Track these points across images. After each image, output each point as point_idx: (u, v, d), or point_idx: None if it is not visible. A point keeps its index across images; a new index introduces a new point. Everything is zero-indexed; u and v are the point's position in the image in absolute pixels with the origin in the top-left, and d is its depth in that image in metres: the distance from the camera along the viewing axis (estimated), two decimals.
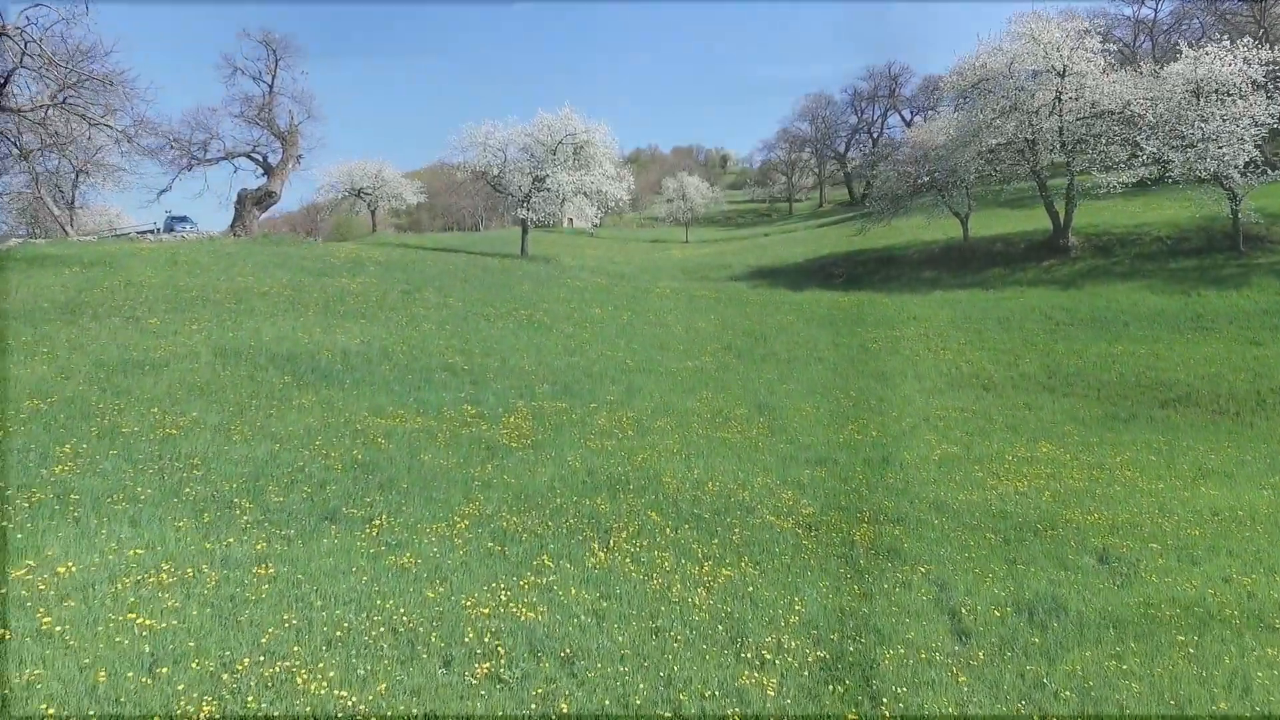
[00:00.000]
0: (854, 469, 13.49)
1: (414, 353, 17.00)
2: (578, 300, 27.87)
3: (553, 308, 25.52)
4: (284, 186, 36.04)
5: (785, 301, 32.13)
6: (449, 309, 22.00)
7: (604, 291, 30.91)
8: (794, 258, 43.35)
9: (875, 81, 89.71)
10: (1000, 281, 33.27)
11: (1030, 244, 35.91)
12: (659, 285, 35.33)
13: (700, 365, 21.20)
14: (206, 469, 9.19)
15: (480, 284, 26.87)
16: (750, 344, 24.78)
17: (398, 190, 55.19)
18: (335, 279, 22.74)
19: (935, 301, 31.08)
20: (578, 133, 36.79)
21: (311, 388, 13.31)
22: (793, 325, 28.03)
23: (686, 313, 28.93)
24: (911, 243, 40.40)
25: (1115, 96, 30.62)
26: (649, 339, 23.60)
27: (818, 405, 18.15)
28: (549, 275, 32.26)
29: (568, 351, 20.23)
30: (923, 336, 25.91)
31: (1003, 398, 20.00)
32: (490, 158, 37.87)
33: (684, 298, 31.98)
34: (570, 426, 13.90)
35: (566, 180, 36.42)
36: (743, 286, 36.09)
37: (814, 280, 37.34)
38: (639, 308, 28.39)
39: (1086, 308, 27.37)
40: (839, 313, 29.90)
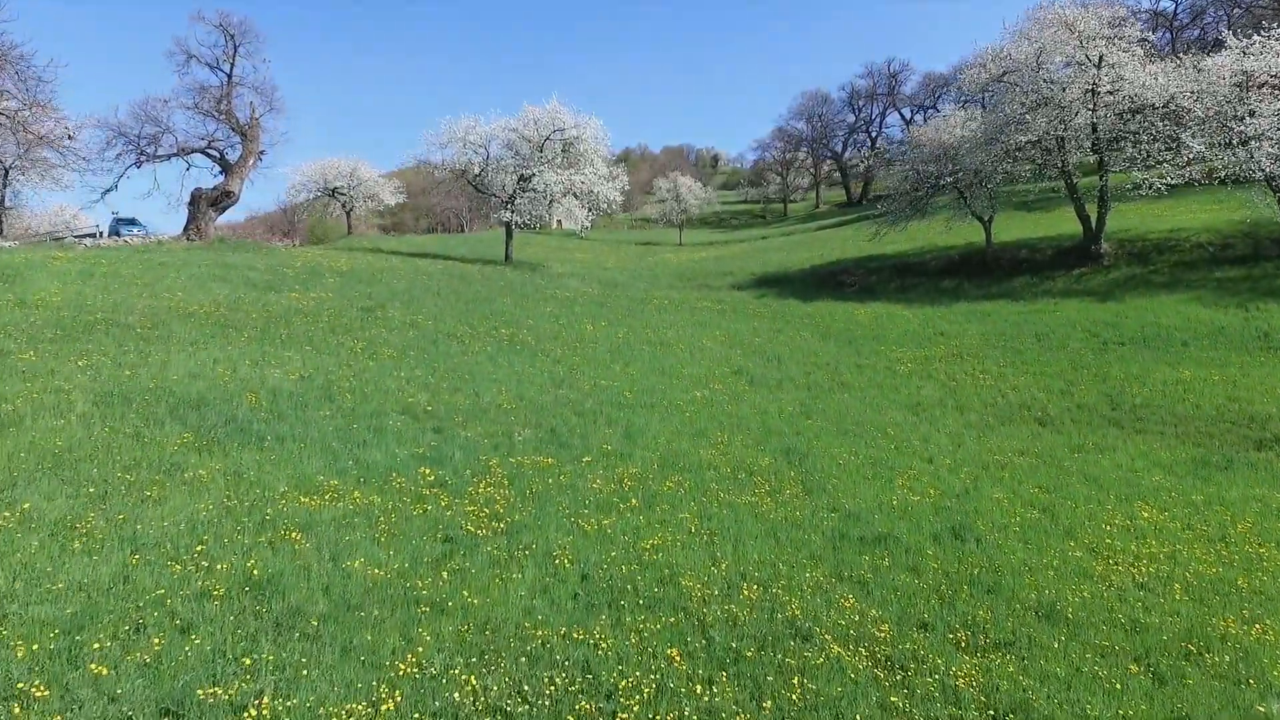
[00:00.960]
0: (923, 550, 10.49)
1: (366, 390, 13.87)
2: (566, 315, 24.79)
3: (538, 325, 22.43)
4: (244, 185, 32.79)
5: (796, 314, 29.17)
6: (416, 330, 18.87)
7: (596, 303, 27.84)
8: (800, 264, 40.41)
9: (874, 79, 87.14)
10: (1028, 292, 30.46)
11: (1058, 250, 33.12)
12: (655, 295, 32.30)
13: (710, 395, 18.17)
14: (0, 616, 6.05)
15: (456, 297, 23.74)
16: (763, 366, 21.79)
17: (374, 190, 51.76)
18: (284, 294, 19.56)
19: (960, 315, 28.21)
20: (567, 128, 33.69)
21: (219, 449, 10.16)
22: (807, 343, 25.08)
23: (689, 328, 25.92)
24: (927, 248, 37.56)
25: (1158, 90, 27.79)
26: (649, 362, 20.55)
27: (854, 449, 15.15)
28: (534, 285, 29.14)
29: (555, 382, 17.15)
30: (955, 356, 23.00)
31: (1064, 435, 17.07)
32: (471, 155, 34.74)
33: (685, 310, 28.96)
34: (557, 495, 10.83)
35: (555, 180, 33.33)
36: (747, 297, 33.10)
37: (824, 289, 34.40)
38: (635, 323, 25.34)
39: (1133, 323, 24.54)
40: (857, 328, 26.96)
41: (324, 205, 52.62)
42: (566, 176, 33.63)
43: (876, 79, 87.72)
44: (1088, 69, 29.74)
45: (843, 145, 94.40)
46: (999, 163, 30.67)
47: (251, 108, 33.64)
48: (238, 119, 33.07)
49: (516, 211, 34.25)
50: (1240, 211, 36.12)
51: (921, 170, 32.81)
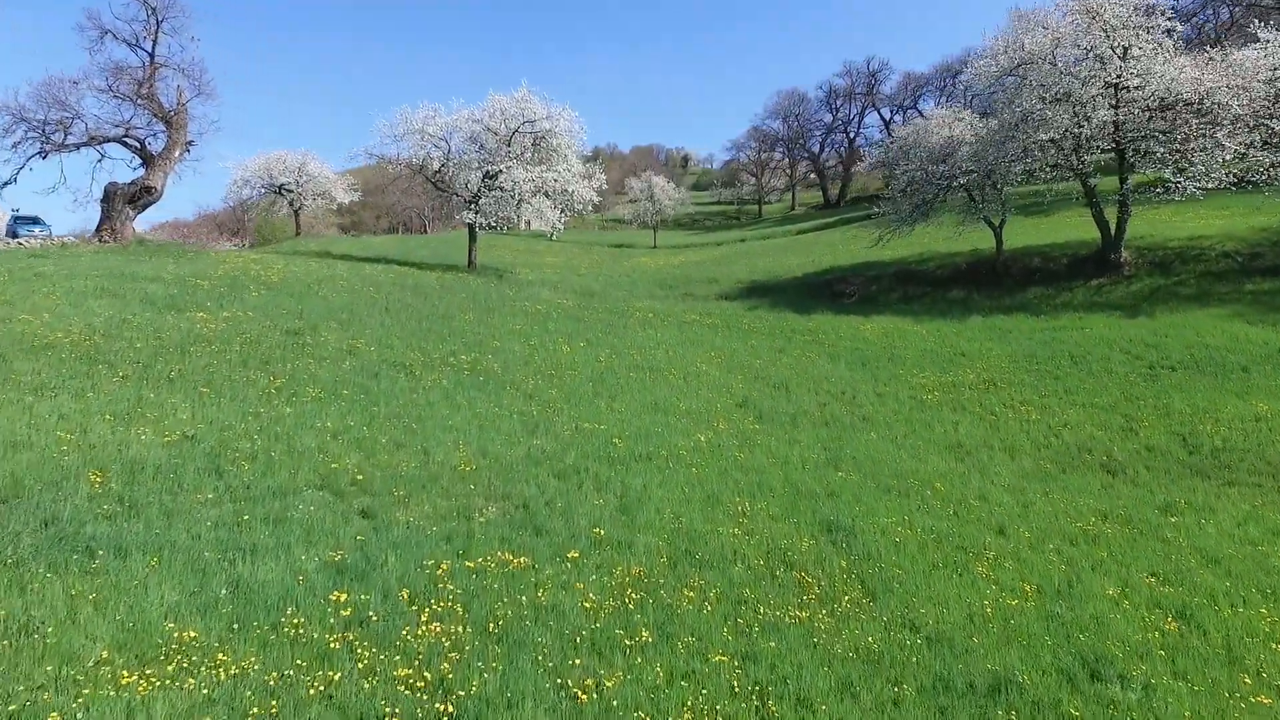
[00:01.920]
0: (1059, 703, 7.35)
1: (274, 453, 10.34)
2: (539, 333, 21.35)
3: (506, 348, 18.97)
4: (167, 180, 28.71)
5: (796, 330, 26.08)
6: (354, 359, 15.31)
7: (571, 318, 24.44)
8: (789, 271, 37.42)
9: (853, 78, 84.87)
10: (1046, 305, 27.79)
11: (1074, 259, 30.54)
12: (637, 306, 28.99)
13: (716, 439, 14.92)
14: None
15: (408, 313, 20.16)
16: (771, 397, 18.62)
17: (325, 187, 47.51)
18: (187, 314, 15.84)
19: (978, 331, 25.38)
20: (538, 119, 30.20)
21: (7, 580, 6.61)
22: (815, 364, 21.98)
23: (679, 347, 22.66)
24: (928, 255, 34.83)
25: (1192, 84, 25.24)
26: (639, 394, 17.24)
27: (904, 514, 12.03)
28: (501, 296, 25.63)
29: (528, 426, 13.75)
30: (986, 384, 20.07)
31: (1142, 488, 14.15)
32: (430, 149, 31.03)
33: (672, 325, 25.68)
34: (535, 626, 7.48)
35: (524, 177, 29.81)
36: (738, 308, 29.95)
37: (820, 300, 31.41)
38: (619, 343, 22.00)
39: (1176, 344, 21.88)
40: (867, 347, 23.94)
41: (270, 203, 48.21)
42: (537, 174, 30.16)
43: (855, 78, 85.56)
44: (1111, 61, 27.11)
45: (820, 146, 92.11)
46: (1016, 162, 27.89)
47: (179, 92, 29.60)
48: (161, 104, 29.02)
49: (481, 212, 30.68)
50: (1256, 217, 34.06)
51: (930, 170, 29.93)
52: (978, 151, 30.00)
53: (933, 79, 79.47)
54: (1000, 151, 28.93)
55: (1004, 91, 31.31)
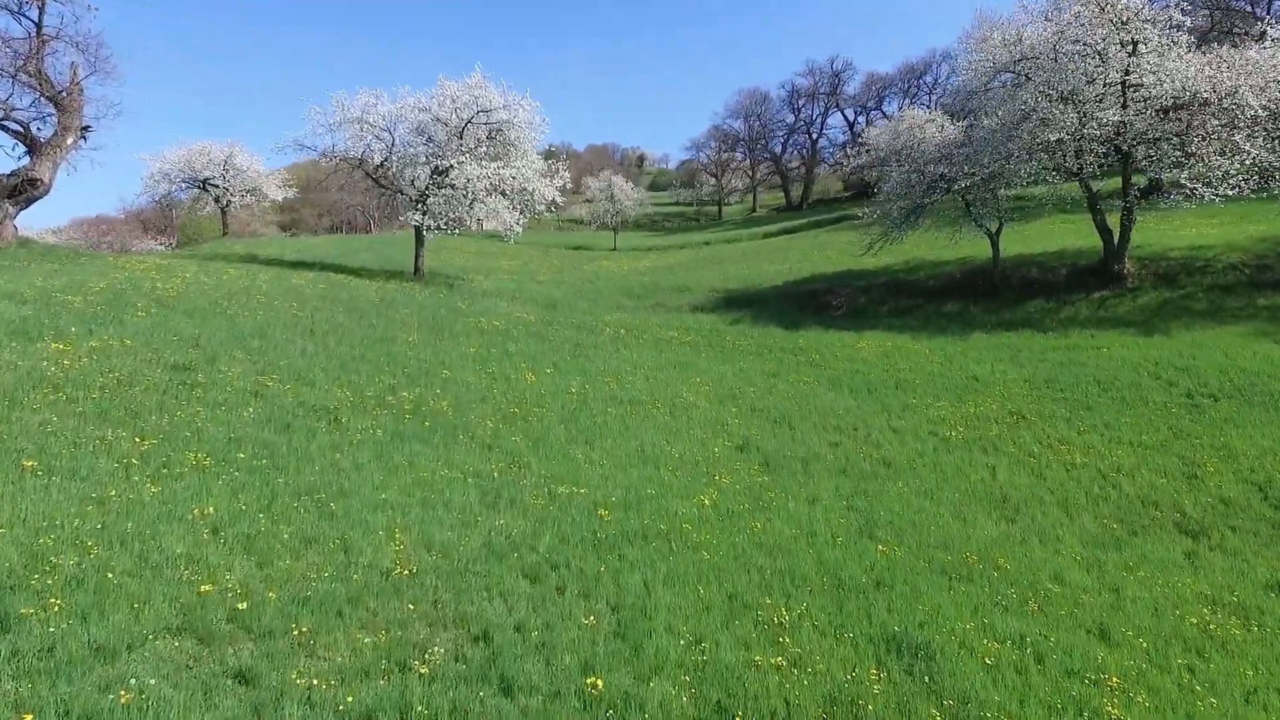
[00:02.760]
0: None
1: (109, 573, 7.05)
2: (497, 358, 18.15)
3: (458, 378, 15.74)
4: (57, 171, 24.55)
5: (786, 349, 23.37)
6: (262, 404, 11.94)
7: (535, 336, 21.27)
8: (766, 278, 34.81)
9: (816, 78, 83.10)
10: (1049, 319, 25.71)
11: (1073, 269, 28.58)
12: (606, 320, 25.97)
13: (723, 500, 12.02)
14: None
15: (339, 336, 16.74)
16: (774, 435, 15.81)
17: (256, 182, 43.02)
18: (40, 343, 12.22)
19: (985, 350, 23.06)
20: (494, 109, 26.87)
21: None
22: (815, 393, 19.26)
23: (660, 371, 19.72)
24: (916, 263, 32.59)
25: (1211, 83, 23.31)
26: (621, 437, 14.23)
27: (985, 617, 9.28)
28: (452, 310, 22.29)
29: (486, 495, 10.61)
30: (1013, 416, 17.61)
31: (1236, 559, 11.74)
32: (371, 141, 27.44)
33: (648, 343, 22.72)
34: None
35: (478, 174, 26.45)
36: (717, 322, 27.15)
37: (805, 312, 28.83)
38: (591, 367, 18.94)
39: (1208, 367, 19.81)
40: (868, 370, 21.34)
41: (194, 200, 43.44)
42: (493, 170, 26.84)
43: (818, 78, 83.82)
44: (1118, 57, 25.07)
45: (782, 146, 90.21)
46: (1021, 164, 25.62)
47: (72, 70, 25.43)
48: (51, 83, 24.87)
49: (429, 213, 27.22)
50: (1248, 225, 32.74)
51: (927, 173, 27.50)
52: (971, 154, 27.75)
53: (896, 80, 78.33)
54: (1002, 151, 26.70)
55: (1001, 88, 29.17)
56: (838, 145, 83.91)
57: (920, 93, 75.38)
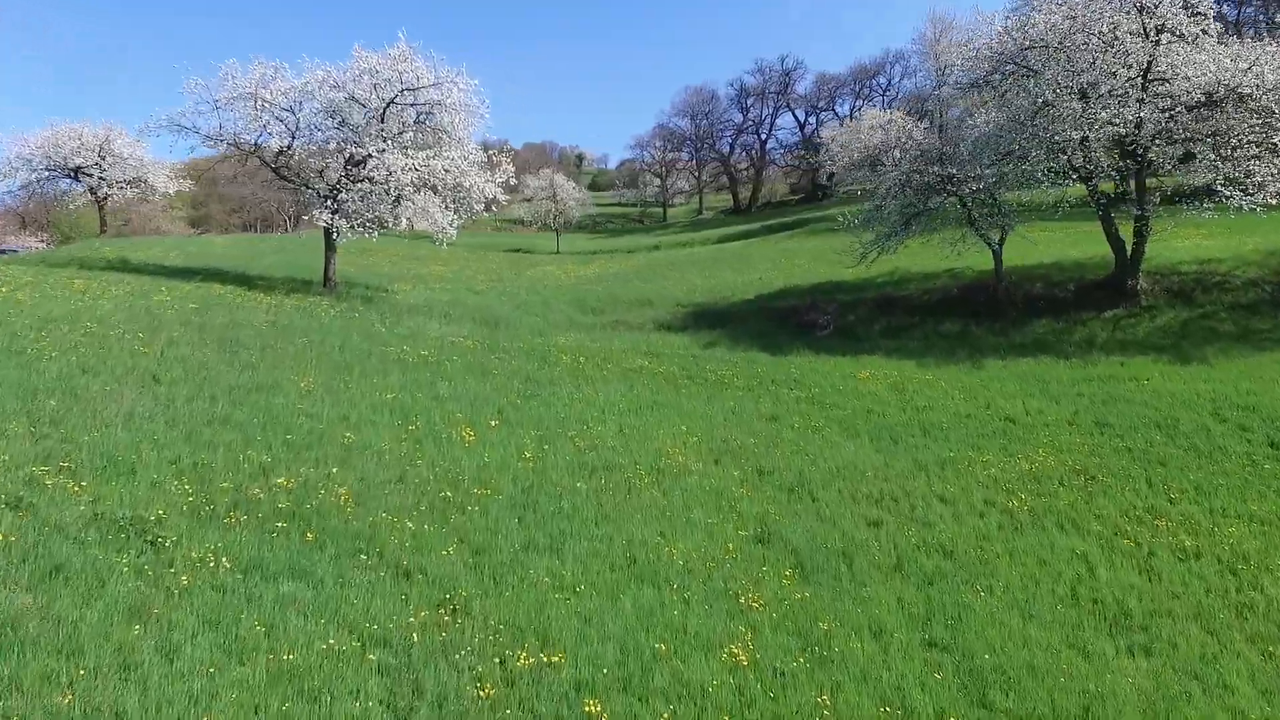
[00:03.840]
0: None
1: None
2: (424, 406, 13.71)
3: (365, 445, 11.26)
4: None
5: (778, 380, 19.58)
6: (20, 520, 7.27)
7: (473, 369, 16.86)
8: (734, 290, 31.06)
9: (765, 77, 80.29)
10: (1063, 342, 22.73)
11: (1081, 285, 25.73)
12: (560, 343, 21.73)
13: (765, 651, 8.05)
14: None
15: (195, 385, 12.01)
16: (799, 516, 11.92)
17: (140, 172, 36.63)
18: None
19: (1006, 381, 19.77)
20: (421, 86, 22.25)
21: None
22: (829, 444, 15.47)
23: (634, 415, 15.63)
24: (902, 275, 29.33)
25: (1245, 76, 20.56)
26: (598, 535, 10.10)
27: None
28: (368, 336, 17.66)
29: (396, 697, 6.28)
30: (1078, 475, 14.16)
31: None
32: (269, 122, 22.38)
33: (615, 374, 18.57)
34: None
35: (402, 166, 21.80)
36: (691, 345, 23.22)
37: (785, 331, 25.18)
38: (548, 413, 14.68)
39: (1272, 405, 16.88)
40: (882, 409, 17.71)
41: (64, 191, 36.71)
42: (422, 161, 22.22)
43: (767, 76, 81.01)
44: (1142, 46, 22.18)
45: (730, 147, 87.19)
46: (1039, 164, 22.37)
47: None
48: None
49: (342, 211, 22.42)
50: (1253, 238, 30.74)
51: (927, 174, 24.05)
52: (974, 153, 24.49)
53: (849, 80, 76.23)
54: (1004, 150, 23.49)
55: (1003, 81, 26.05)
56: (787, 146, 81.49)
57: (873, 94, 73.56)
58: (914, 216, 24.30)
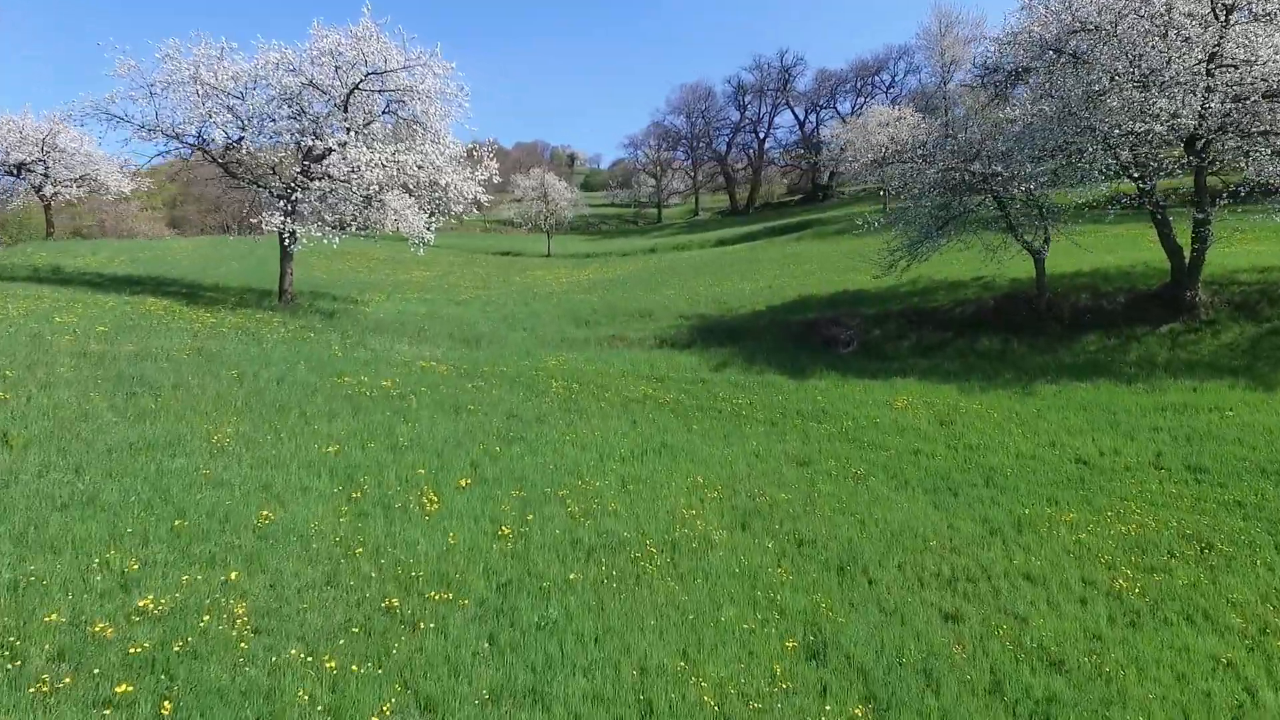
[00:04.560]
0: None
1: None
2: (376, 460, 10.90)
3: (288, 526, 8.44)
4: None
5: (804, 412, 16.86)
6: None
7: (443, 404, 14.05)
8: (743, 300, 28.33)
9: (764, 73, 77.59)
10: (1118, 362, 20.13)
11: (1131, 295, 23.11)
12: (552, 364, 18.99)
13: None
14: None
15: (58, 447, 9.16)
16: (857, 612, 9.22)
17: (92, 169, 33.42)
18: None
19: (1066, 411, 17.12)
20: (391, 70, 19.42)
21: None
22: (877, 500, 12.76)
23: (640, 464, 12.89)
24: (926, 284, 26.66)
25: None
26: (598, 660, 7.32)
27: None
28: (316, 367, 14.79)
29: None
30: (1197, 545, 11.46)
31: None
32: (215, 110, 19.42)
33: (615, 405, 15.82)
34: None
35: (368, 160, 18.97)
36: (699, 365, 20.48)
37: (805, 350, 22.47)
38: (534, 464, 11.91)
39: None
40: (932, 448, 15.02)
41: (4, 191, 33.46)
42: (392, 156, 19.40)
43: (766, 73, 78.30)
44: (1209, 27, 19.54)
45: (727, 145, 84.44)
46: (1096, 162, 19.66)
47: None
48: None
49: (298, 214, 19.56)
50: None
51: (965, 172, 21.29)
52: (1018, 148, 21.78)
53: (850, 77, 73.69)
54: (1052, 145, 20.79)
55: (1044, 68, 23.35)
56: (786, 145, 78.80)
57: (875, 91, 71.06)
58: (949, 220, 21.58)
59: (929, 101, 63.87)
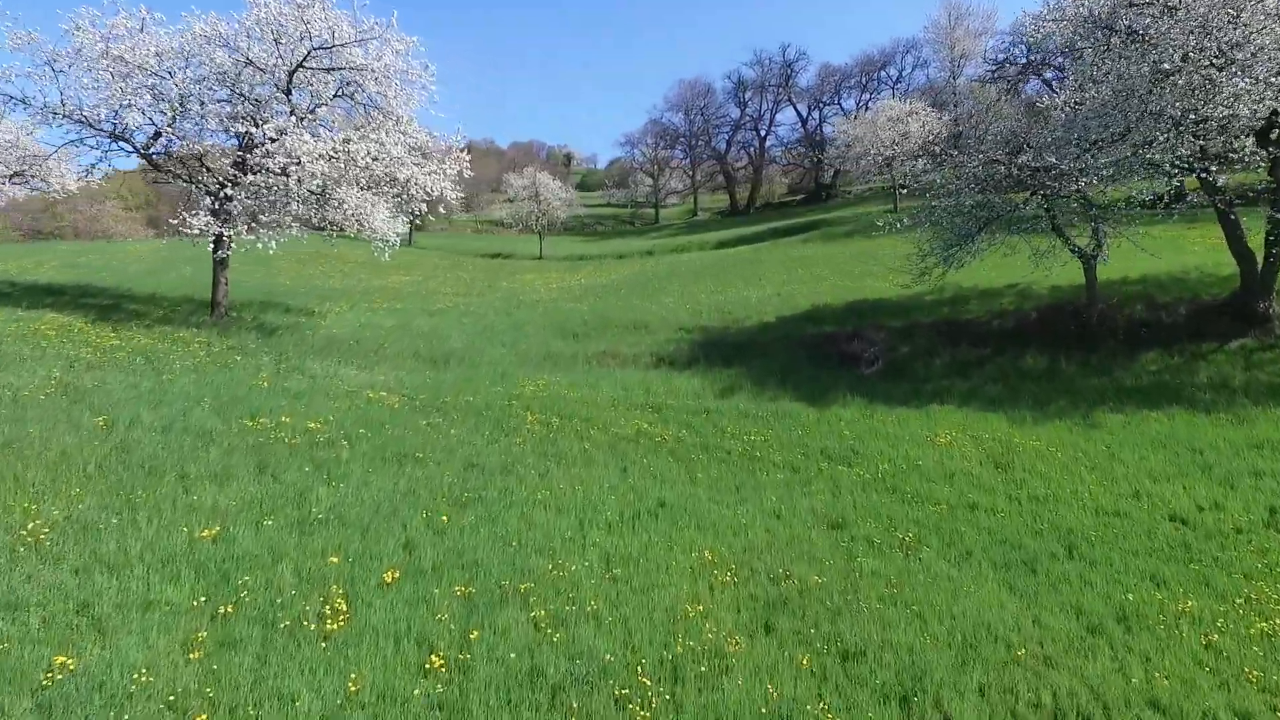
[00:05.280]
0: None
1: None
2: (272, 541, 8.04)
3: (93, 674, 5.56)
4: None
5: (831, 455, 14.05)
6: None
7: (383, 449, 11.22)
8: (750, 309, 25.50)
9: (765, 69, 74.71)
10: (1187, 384, 17.36)
11: (1195, 306, 20.33)
12: (529, 390, 16.14)
13: None
14: None
15: None
16: None
17: (25, 165, 30.22)
18: None
19: (1141, 449, 14.34)
20: (340, 44, 16.57)
21: None
22: (924, 569, 9.92)
23: (629, 533, 10.06)
24: (955, 292, 23.86)
25: None
26: None
27: None
28: (224, 407, 11.93)
29: None
30: None
31: None
32: (135, 89, 16.45)
33: (601, 447, 13.00)
34: None
35: (313, 151, 16.12)
36: (702, 389, 17.67)
37: (823, 368, 19.66)
38: (485, 539, 9.05)
39: None
40: (990, 501, 12.21)
41: None
42: (341, 147, 16.54)
43: (767, 68, 75.42)
44: None
45: (727, 144, 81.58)
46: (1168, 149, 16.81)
47: None
48: None
49: (227, 214, 16.66)
50: None
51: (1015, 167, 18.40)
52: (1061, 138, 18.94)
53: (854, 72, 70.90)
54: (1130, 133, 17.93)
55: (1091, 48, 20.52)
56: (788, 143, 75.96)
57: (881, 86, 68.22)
58: (990, 220, 18.76)
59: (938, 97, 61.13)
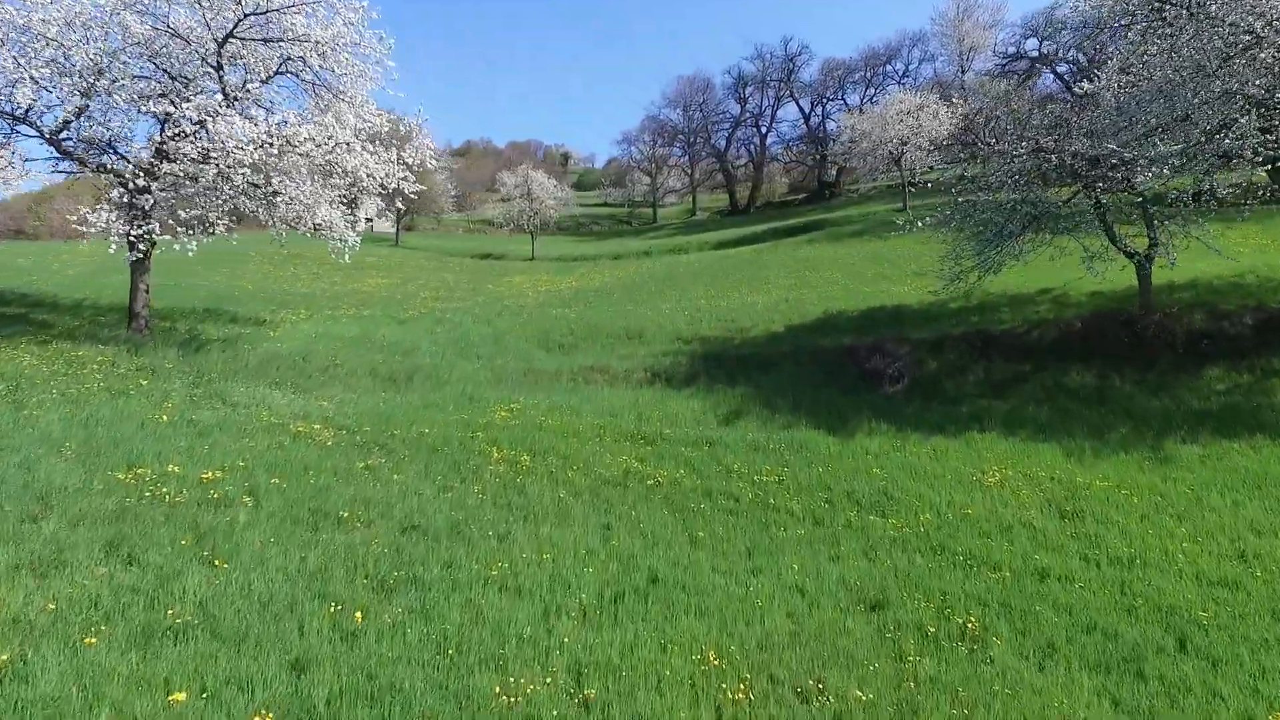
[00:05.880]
0: None
1: None
2: (98, 671, 5.52)
3: None
4: None
5: (861, 502, 11.65)
6: None
7: (295, 506, 8.71)
8: (756, 318, 23.05)
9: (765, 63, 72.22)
10: (1260, 406, 14.96)
11: (1262, 315, 17.92)
12: (501, 416, 13.75)
13: None
14: None
15: None
16: None
17: None
18: None
19: (1226, 490, 12.00)
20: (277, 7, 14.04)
21: None
22: (997, 675, 7.37)
23: (606, 620, 7.57)
24: (984, 298, 21.40)
25: None
26: None
27: None
28: (90, 456, 9.49)
29: None
30: None
31: None
32: (33, 61, 13.88)
33: (581, 493, 10.55)
34: None
35: (246, 134, 13.68)
36: (702, 413, 15.25)
37: (842, 388, 17.24)
38: (411, 643, 6.52)
39: None
40: (1063, 565, 9.78)
41: None
42: (278, 130, 14.12)
43: (768, 63, 72.91)
44: None
45: (726, 141, 79.10)
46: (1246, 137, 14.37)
47: None
48: None
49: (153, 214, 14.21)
50: None
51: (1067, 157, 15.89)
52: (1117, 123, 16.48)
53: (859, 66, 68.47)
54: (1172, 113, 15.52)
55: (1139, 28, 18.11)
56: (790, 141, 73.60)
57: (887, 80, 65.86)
58: (1036, 218, 16.33)
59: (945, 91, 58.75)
